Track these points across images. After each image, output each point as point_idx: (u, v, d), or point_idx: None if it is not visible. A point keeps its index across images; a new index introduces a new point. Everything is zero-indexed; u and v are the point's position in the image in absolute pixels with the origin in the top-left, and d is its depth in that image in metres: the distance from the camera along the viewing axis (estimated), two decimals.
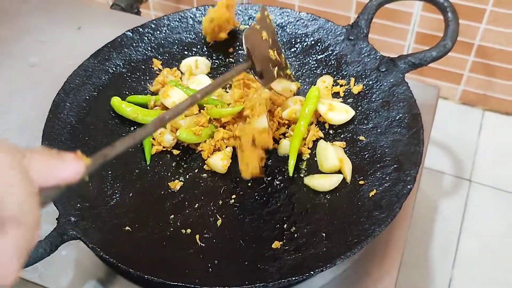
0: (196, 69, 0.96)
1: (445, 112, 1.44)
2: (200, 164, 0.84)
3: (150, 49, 0.98)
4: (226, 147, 0.85)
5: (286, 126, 0.88)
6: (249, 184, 0.82)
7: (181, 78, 0.95)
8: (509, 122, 1.48)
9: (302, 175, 0.83)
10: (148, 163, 0.84)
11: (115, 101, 0.89)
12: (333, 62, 0.95)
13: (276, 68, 0.83)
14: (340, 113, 0.88)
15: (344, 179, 0.81)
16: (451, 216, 1.30)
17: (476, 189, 1.35)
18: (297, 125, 0.86)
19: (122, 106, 0.88)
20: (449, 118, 1.45)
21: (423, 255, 1.25)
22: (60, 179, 0.39)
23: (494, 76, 1.43)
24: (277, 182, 0.82)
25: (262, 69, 0.78)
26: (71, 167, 0.40)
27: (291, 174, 0.82)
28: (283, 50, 0.96)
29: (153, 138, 0.87)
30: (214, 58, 0.99)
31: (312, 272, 0.66)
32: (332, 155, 0.82)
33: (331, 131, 0.88)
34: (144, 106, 0.91)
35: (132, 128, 0.89)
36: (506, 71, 1.40)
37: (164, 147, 0.86)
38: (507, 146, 1.43)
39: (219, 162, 0.82)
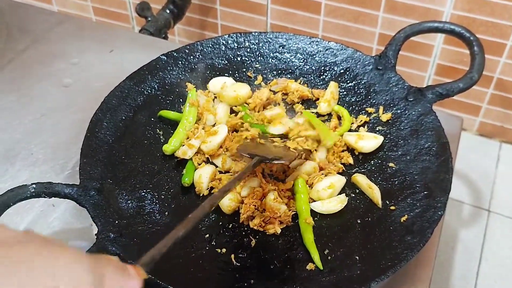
0: (222, 90, 0.99)
1: (463, 143, 1.46)
2: None
3: (183, 73, 1.01)
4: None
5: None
6: None
7: (213, 100, 0.98)
8: None
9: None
10: (189, 183, 0.86)
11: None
12: (362, 91, 0.98)
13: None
14: (369, 140, 0.90)
15: (375, 204, 0.83)
16: (471, 244, 1.31)
17: (495, 219, 1.36)
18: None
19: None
20: (467, 149, 1.47)
21: (445, 282, 1.25)
22: None
23: (511, 109, 1.45)
24: None
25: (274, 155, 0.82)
26: (133, 281, 0.46)
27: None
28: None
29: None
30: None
31: None
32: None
33: (360, 157, 0.90)
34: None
35: None
36: None
37: None
38: None
39: (225, 201, 0.81)
